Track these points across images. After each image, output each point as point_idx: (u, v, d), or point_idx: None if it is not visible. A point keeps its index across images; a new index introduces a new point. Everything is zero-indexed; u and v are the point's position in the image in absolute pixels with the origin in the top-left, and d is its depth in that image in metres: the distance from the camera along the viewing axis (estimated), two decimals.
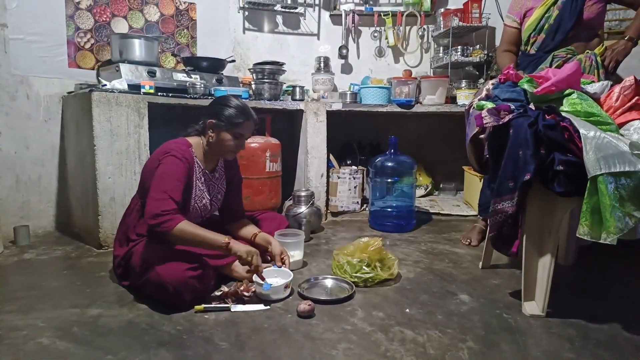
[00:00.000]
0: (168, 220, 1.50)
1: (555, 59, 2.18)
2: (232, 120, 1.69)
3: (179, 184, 1.61)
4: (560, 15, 2.18)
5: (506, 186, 1.46)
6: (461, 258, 2.10)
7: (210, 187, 1.82)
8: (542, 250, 1.49)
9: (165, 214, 1.51)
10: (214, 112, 1.71)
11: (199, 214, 1.79)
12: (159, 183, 1.57)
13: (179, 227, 1.50)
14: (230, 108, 1.70)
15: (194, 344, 1.29)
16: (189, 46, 2.98)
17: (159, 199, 1.53)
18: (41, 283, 1.75)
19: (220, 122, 1.69)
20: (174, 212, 1.53)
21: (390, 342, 1.31)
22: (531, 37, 2.28)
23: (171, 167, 1.61)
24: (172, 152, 1.64)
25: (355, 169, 2.92)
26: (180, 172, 1.62)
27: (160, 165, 1.62)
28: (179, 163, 1.63)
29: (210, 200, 1.82)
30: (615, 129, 1.44)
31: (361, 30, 3.41)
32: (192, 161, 1.70)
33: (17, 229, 2.25)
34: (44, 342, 1.29)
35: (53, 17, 2.46)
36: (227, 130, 1.70)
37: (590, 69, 2.10)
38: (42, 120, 2.46)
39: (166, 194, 1.54)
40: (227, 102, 1.72)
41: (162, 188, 1.56)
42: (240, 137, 1.74)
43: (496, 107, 1.52)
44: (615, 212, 1.26)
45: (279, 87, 2.75)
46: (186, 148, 1.69)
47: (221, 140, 1.71)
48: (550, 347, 1.30)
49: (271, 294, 1.58)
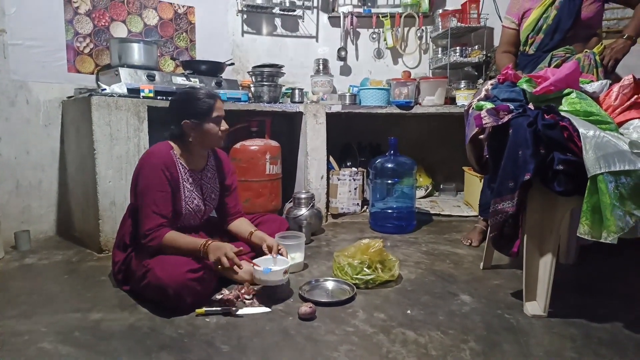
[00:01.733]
0: (153, 238, 1.57)
1: (554, 58, 2.18)
2: (205, 109, 1.67)
3: (162, 193, 1.62)
4: (558, 15, 2.18)
5: (506, 186, 1.46)
6: (462, 259, 2.10)
7: (202, 187, 1.80)
8: (543, 250, 1.49)
9: (149, 232, 1.57)
10: (185, 113, 1.68)
11: (193, 215, 1.78)
12: (142, 200, 1.62)
13: (163, 241, 1.57)
14: (197, 100, 1.67)
15: (196, 347, 1.29)
16: (188, 50, 2.99)
17: (145, 217, 1.59)
18: (42, 288, 1.75)
19: (196, 118, 1.68)
20: (157, 228, 1.58)
21: (392, 344, 1.31)
22: (529, 37, 2.29)
23: (149, 179, 1.62)
24: (153, 159, 1.63)
25: (355, 171, 2.93)
26: (159, 180, 1.62)
27: (140, 179, 1.63)
28: (157, 171, 1.62)
29: (204, 200, 1.81)
30: (614, 128, 1.44)
31: (359, 32, 3.42)
32: (173, 164, 1.68)
33: (18, 234, 2.26)
34: (45, 347, 1.29)
35: (52, 22, 2.47)
36: (207, 120, 1.68)
37: (589, 68, 2.10)
38: (42, 125, 2.46)
39: (149, 209, 1.59)
40: (190, 96, 1.69)
41: (145, 205, 1.60)
42: (220, 119, 1.72)
43: (495, 107, 1.53)
44: (615, 211, 1.26)
45: (278, 90, 2.76)
46: (167, 151, 1.68)
47: (205, 133, 1.70)
48: (552, 346, 1.30)
49: (271, 277, 1.58)
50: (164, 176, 1.63)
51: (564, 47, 2.19)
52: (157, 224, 1.58)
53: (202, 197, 1.80)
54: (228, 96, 2.55)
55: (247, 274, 1.71)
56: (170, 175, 1.66)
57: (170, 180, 1.65)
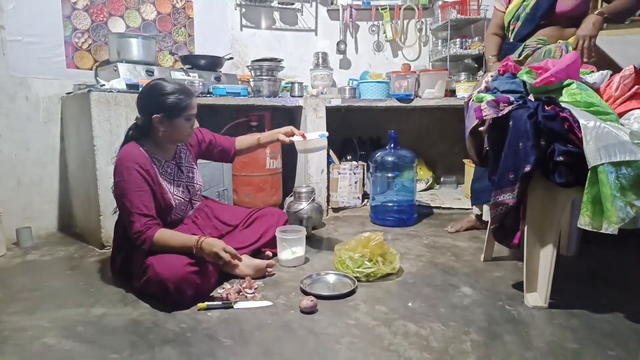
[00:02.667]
0: (143, 240, 1.54)
1: (526, 48, 2.14)
2: (177, 106, 1.62)
3: (141, 192, 1.59)
4: (536, 4, 2.14)
5: (507, 178, 1.46)
6: (463, 251, 2.11)
7: (180, 170, 1.79)
8: (543, 242, 1.49)
9: (138, 234, 1.54)
10: (155, 106, 1.63)
11: (184, 200, 1.78)
12: (122, 205, 1.59)
13: (153, 242, 1.54)
14: (170, 95, 1.60)
15: (198, 341, 1.30)
16: (187, 44, 2.98)
17: (129, 221, 1.57)
18: (45, 284, 1.76)
19: (166, 113, 1.62)
20: (144, 229, 1.55)
21: (393, 336, 1.32)
22: (510, 24, 2.26)
23: (125, 183, 1.58)
24: (120, 165, 1.61)
25: (355, 165, 2.92)
26: (135, 181, 1.58)
27: (117, 183, 1.60)
28: (131, 172, 1.58)
29: (186, 182, 1.80)
30: (615, 119, 1.43)
31: (359, 25, 3.40)
32: (147, 160, 1.65)
33: (20, 230, 2.26)
34: (49, 342, 1.30)
35: (50, 18, 2.46)
36: (178, 117, 1.64)
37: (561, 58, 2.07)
38: (42, 121, 2.46)
39: (132, 212, 1.56)
40: (163, 90, 1.61)
41: (127, 209, 1.57)
42: (191, 118, 1.69)
43: (495, 99, 1.52)
44: (616, 201, 1.26)
45: (277, 84, 2.75)
46: (136, 151, 1.64)
47: (175, 129, 1.65)
48: (554, 337, 1.31)
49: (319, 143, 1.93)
50: (140, 175, 1.59)
51: (537, 37, 2.15)
52: (143, 224, 1.54)
53: (185, 181, 1.79)
54: (227, 91, 2.54)
55: (249, 268, 1.72)
56: (146, 172, 1.62)
57: (147, 178, 1.62)
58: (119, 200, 1.62)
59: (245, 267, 1.72)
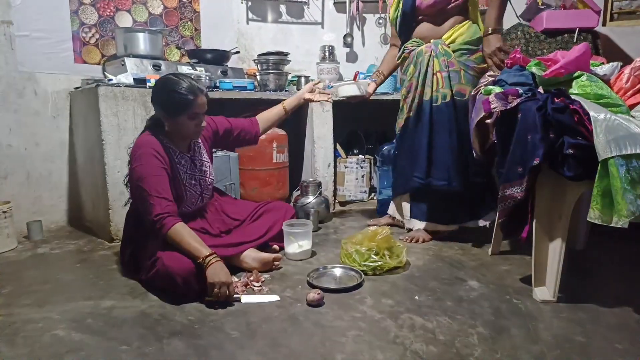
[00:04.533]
0: (162, 225, 1.53)
1: (406, 50, 2.11)
2: (181, 104, 1.60)
3: (159, 177, 1.59)
4: (403, 4, 2.07)
5: (515, 171, 1.45)
6: (470, 245, 2.10)
7: (194, 164, 1.79)
8: (552, 235, 1.48)
9: (158, 217, 1.53)
10: (161, 102, 1.64)
11: (195, 193, 1.78)
12: (140, 190, 1.57)
13: (170, 232, 1.52)
14: (175, 92, 1.59)
15: (206, 333, 1.31)
16: (193, 38, 2.98)
17: (147, 205, 1.55)
18: (55, 276, 1.78)
19: (169, 110, 1.62)
20: (165, 213, 1.54)
21: (399, 329, 1.32)
22: (397, 30, 2.19)
23: (143, 168, 1.58)
24: (138, 151, 1.61)
25: (362, 158, 2.92)
26: (153, 166, 1.59)
27: (133, 172, 1.60)
28: (149, 158, 1.59)
29: (199, 176, 1.80)
30: (626, 111, 1.41)
31: (366, 18, 3.38)
32: (162, 149, 1.65)
33: (30, 224, 2.29)
34: (59, 334, 1.32)
35: (57, 13, 2.47)
36: (181, 115, 1.63)
37: (430, 59, 2.00)
38: (50, 116, 2.48)
39: (151, 196, 1.55)
40: (170, 86, 1.61)
41: (146, 193, 1.56)
42: (196, 117, 1.65)
43: (504, 92, 1.50)
44: (626, 195, 1.24)
45: (283, 78, 2.74)
46: (152, 139, 1.65)
47: (179, 126, 1.65)
48: (561, 331, 1.30)
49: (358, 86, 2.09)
50: (157, 161, 1.60)
51: (413, 39, 2.11)
52: (164, 207, 1.54)
53: (198, 174, 1.79)
54: (234, 85, 2.54)
55: (255, 261, 1.73)
56: (163, 159, 1.62)
57: (164, 164, 1.62)
58: (135, 185, 1.60)
59: (252, 260, 1.73)
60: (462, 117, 1.98)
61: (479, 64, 2.01)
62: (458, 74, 2.00)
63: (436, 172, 2.05)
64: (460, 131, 2.00)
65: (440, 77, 2.00)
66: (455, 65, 2.00)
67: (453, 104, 2.01)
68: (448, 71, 1.99)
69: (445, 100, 2.00)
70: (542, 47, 2.87)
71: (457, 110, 2.00)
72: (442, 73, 2.00)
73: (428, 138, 2.04)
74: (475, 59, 2.01)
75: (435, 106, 2.02)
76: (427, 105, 2.03)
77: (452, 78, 2.00)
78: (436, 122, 2.03)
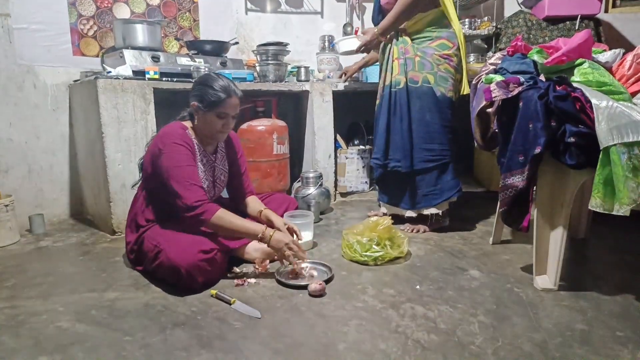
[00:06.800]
0: (204, 210, 1.55)
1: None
2: (213, 100, 1.64)
3: (194, 168, 1.64)
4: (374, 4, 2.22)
5: (516, 160, 1.44)
6: (471, 234, 2.10)
7: (213, 169, 1.81)
8: (553, 224, 1.48)
9: (199, 204, 1.56)
10: (196, 95, 1.68)
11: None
12: (177, 173, 1.58)
13: (216, 215, 1.56)
14: (210, 88, 1.64)
15: (209, 324, 1.32)
16: (192, 29, 2.95)
17: (187, 189, 1.57)
18: (58, 269, 1.79)
19: (202, 104, 1.66)
20: (206, 200, 1.58)
21: (401, 318, 1.33)
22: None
23: (179, 155, 1.61)
24: (172, 138, 1.63)
25: (363, 149, 2.91)
26: (187, 156, 1.63)
27: (165, 155, 1.61)
28: (182, 148, 1.63)
29: (214, 182, 1.82)
30: (628, 98, 1.40)
31: (365, 7, 3.34)
32: (192, 143, 1.69)
33: (32, 217, 2.30)
34: (63, 326, 1.33)
35: (55, 5, 2.45)
36: (211, 111, 1.66)
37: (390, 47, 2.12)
38: (50, 109, 2.48)
39: (189, 182, 1.58)
40: (207, 81, 1.67)
41: (184, 178, 1.58)
42: (225, 117, 1.68)
43: (505, 80, 1.49)
44: (628, 182, 1.24)
45: (283, 68, 2.72)
46: (183, 131, 1.68)
47: (207, 122, 1.69)
48: (562, 319, 1.31)
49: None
50: (188, 151, 1.64)
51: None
52: (201, 194, 1.58)
53: (213, 179, 1.81)
54: (233, 76, 2.52)
55: (257, 251, 1.74)
56: (191, 150, 1.67)
57: (192, 154, 1.67)
58: (167, 174, 1.59)
59: (254, 250, 1.74)
60: (415, 103, 2.07)
61: (439, 51, 2.05)
62: (412, 61, 2.06)
63: (392, 154, 2.15)
64: (411, 117, 2.09)
65: (397, 64, 2.09)
66: (410, 53, 2.06)
67: (406, 90, 2.08)
68: (405, 58, 2.07)
69: (399, 86, 2.09)
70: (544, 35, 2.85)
71: (410, 96, 2.08)
72: (399, 60, 2.08)
73: (387, 121, 2.14)
74: (437, 46, 2.05)
75: (393, 91, 2.11)
76: (387, 90, 2.14)
77: (407, 65, 2.07)
78: (392, 105, 2.12)
